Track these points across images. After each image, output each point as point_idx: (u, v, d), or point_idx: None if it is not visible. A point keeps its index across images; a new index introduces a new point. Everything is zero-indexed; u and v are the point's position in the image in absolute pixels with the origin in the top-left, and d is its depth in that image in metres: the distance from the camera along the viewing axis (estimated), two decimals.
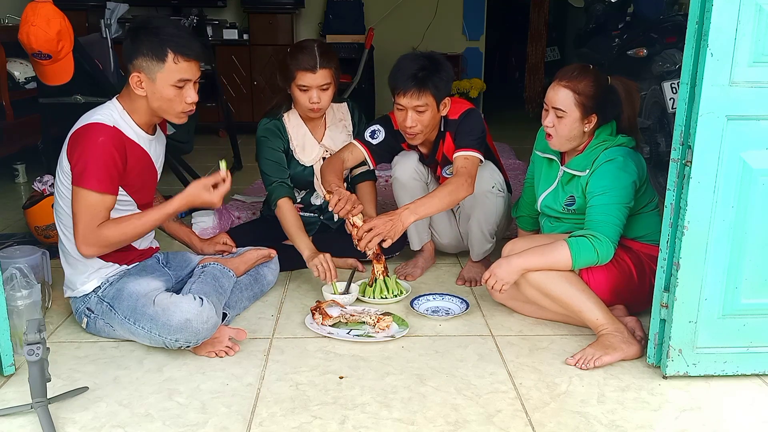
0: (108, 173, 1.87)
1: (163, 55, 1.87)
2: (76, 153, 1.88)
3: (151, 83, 1.90)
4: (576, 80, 2.04)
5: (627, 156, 2.07)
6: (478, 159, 2.36)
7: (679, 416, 1.69)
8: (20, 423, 1.63)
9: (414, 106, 2.31)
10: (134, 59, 1.89)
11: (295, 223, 2.48)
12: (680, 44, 1.83)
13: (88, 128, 1.89)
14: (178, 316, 1.85)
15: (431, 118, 2.35)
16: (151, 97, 1.92)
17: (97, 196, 1.86)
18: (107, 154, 1.86)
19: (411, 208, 2.22)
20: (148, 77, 1.89)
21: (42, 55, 2.74)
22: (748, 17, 1.58)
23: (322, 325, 2.13)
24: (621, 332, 1.95)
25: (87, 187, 1.85)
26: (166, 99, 1.92)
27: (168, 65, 1.88)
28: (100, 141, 1.85)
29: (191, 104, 1.96)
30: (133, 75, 1.90)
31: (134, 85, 1.90)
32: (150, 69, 1.89)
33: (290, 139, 2.60)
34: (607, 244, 1.98)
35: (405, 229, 2.23)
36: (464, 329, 2.16)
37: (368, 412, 1.69)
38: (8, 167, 4.08)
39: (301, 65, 2.43)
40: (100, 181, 1.85)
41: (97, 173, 1.85)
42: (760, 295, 1.78)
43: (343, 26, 5.83)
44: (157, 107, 1.94)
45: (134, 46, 1.89)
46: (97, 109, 1.96)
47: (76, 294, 2.04)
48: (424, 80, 2.28)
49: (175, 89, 1.91)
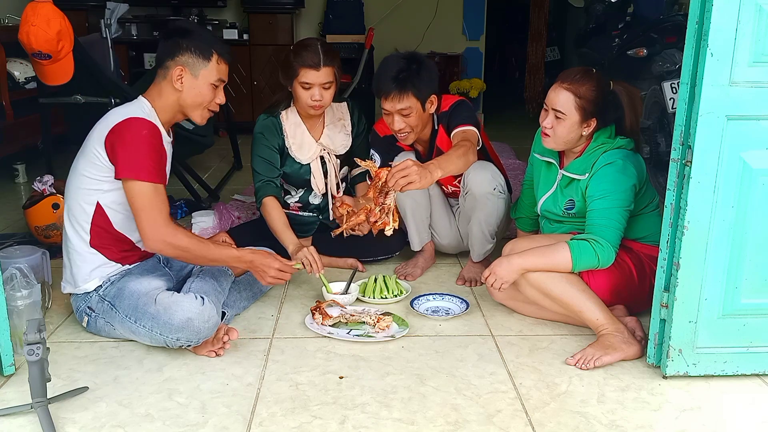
0: (157, 164, 1.93)
1: (209, 55, 2.00)
2: (120, 146, 1.90)
3: (193, 79, 2.00)
4: (578, 83, 2.03)
5: (626, 159, 2.06)
6: (476, 132, 2.37)
7: (679, 416, 1.69)
8: (20, 423, 1.63)
9: (398, 109, 2.33)
10: (178, 55, 1.98)
11: (280, 219, 2.51)
12: (680, 44, 1.83)
13: (130, 122, 1.91)
14: (179, 315, 1.85)
15: (418, 118, 2.37)
16: (188, 92, 2.01)
17: (152, 186, 1.91)
18: (153, 146, 1.93)
19: (434, 162, 2.13)
20: (191, 73, 1.99)
21: (42, 55, 2.74)
22: (748, 17, 1.58)
23: (322, 325, 2.13)
24: (621, 332, 1.95)
25: (141, 179, 1.89)
26: (202, 95, 2.02)
27: (212, 64, 2.01)
28: (144, 134, 1.91)
29: (217, 105, 2.08)
30: (176, 69, 1.98)
31: (175, 78, 1.98)
32: (194, 66, 1.99)
33: (286, 136, 2.61)
34: (608, 248, 1.98)
35: (432, 182, 2.14)
36: (464, 329, 2.16)
37: (368, 412, 1.69)
38: (8, 167, 4.08)
39: (304, 62, 2.44)
40: (151, 172, 1.90)
41: (148, 164, 1.90)
42: (760, 295, 1.78)
43: (343, 26, 5.82)
44: (189, 103, 2.02)
45: (180, 43, 1.99)
46: (127, 105, 2.01)
47: (76, 291, 2.04)
48: (403, 82, 2.29)
49: (212, 88, 2.03)
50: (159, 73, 2.02)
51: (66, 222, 2.03)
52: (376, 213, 2.15)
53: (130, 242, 2.05)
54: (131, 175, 1.89)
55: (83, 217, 1.98)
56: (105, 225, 1.99)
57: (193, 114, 2.06)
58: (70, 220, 2.02)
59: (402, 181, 2.02)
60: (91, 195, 1.97)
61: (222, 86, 2.07)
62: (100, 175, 1.95)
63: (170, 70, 1.99)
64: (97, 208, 1.97)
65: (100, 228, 1.99)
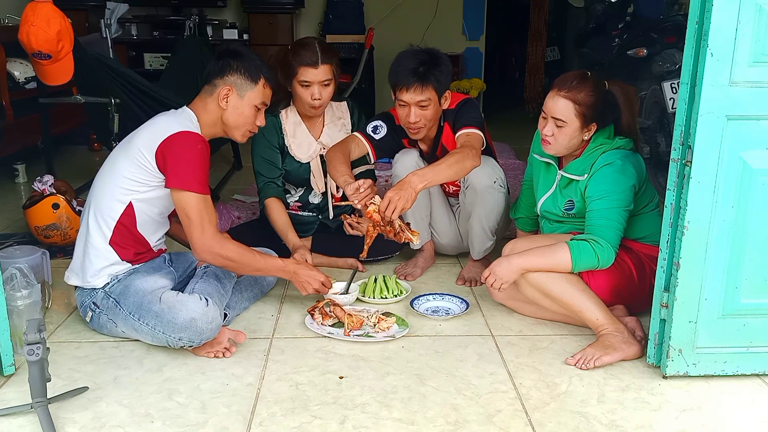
0: (206, 177, 2.00)
1: (257, 78, 2.09)
2: (174, 158, 1.95)
3: (239, 99, 2.08)
4: (576, 90, 2.03)
5: (625, 159, 2.06)
6: (480, 135, 2.36)
7: (679, 416, 1.69)
8: (20, 423, 1.63)
9: (417, 101, 2.31)
10: (227, 75, 2.07)
11: (284, 220, 2.56)
12: (680, 44, 1.83)
13: (186, 135, 1.97)
14: (183, 315, 1.86)
15: (434, 112, 2.37)
16: (232, 112, 2.08)
17: (203, 198, 1.97)
18: (205, 160, 2.00)
19: (418, 173, 2.16)
20: (237, 93, 2.08)
21: (42, 55, 2.74)
22: (748, 17, 1.58)
23: (322, 325, 2.13)
24: (621, 332, 1.95)
25: (195, 191, 1.95)
26: (245, 116, 2.10)
27: (258, 87, 2.10)
28: (199, 148, 1.98)
29: (257, 127, 2.17)
30: (224, 88, 2.06)
31: (221, 97, 2.06)
32: (242, 87, 2.08)
33: (286, 135, 2.62)
34: (608, 249, 1.98)
35: (417, 195, 2.15)
36: (464, 329, 2.16)
37: (368, 412, 1.69)
38: (8, 167, 4.08)
39: (303, 61, 2.45)
40: (202, 184, 1.97)
41: (200, 177, 1.97)
42: (760, 295, 1.78)
43: (343, 26, 5.82)
44: (231, 122, 2.10)
45: (231, 64, 2.07)
46: (175, 115, 2.07)
47: (83, 285, 2.05)
48: (425, 75, 2.29)
49: (254, 110, 2.12)
50: (205, 89, 2.09)
51: (90, 216, 2.05)
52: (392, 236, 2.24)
53: (147, 244, 2.09)
54: (185, 186, 1.94)
55: (110, 214, 2.01)
56: (129, 225, 2.03)
57: (234, 133, 2.13)
58: (95, 215, 2.04)
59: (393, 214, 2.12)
60: (126, 195, 2.01)
61: (264, 109, 2.15)
62: (142, 179, 1.99)
63: (218, 88, 2.06)
64: (127, 208, 2.01)
65: (124, 227, 2.03)
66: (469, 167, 2.25)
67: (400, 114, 2.39)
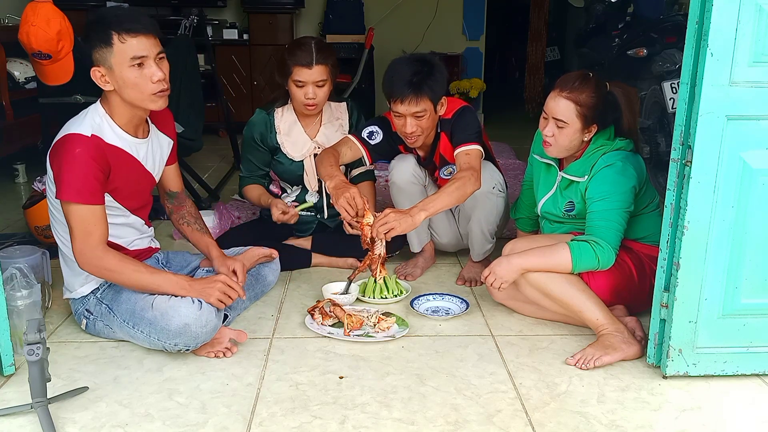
0: (87, 184, 1.82)
1: (109, 39, 1.81)
2: (55, 166, 1.85)
3: (111, 73, 1.83)
4: (577, 91, 2.03)
5: (626, 160, 2.06)
6: (480, 151, 2.36)
7: (679, 416, 1.69)
8: (20, 423, 1.63)
9: (413, 112, 2.30)
10: (91, 55, 1.84)
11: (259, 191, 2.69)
12: (680, 44, 1.83)
13: (65, 140, 1.85)
14: (176, 321, 1.83)
15: (430, 120, 2.35)
16: (119, 88, 1.85)
17: (83, 208, 1.83)
18: (85, 166, 1.82)
19: (420, 206, 2.18)
20: (106, 68, 1.84)
21: (42, 55, 2.74)
22: (748, 17, 1.58)
23: (322, 325, 2.13)
24: (621, 332, 1.95)
25: (69, 200, 1.82)
26: (131, 84, 1.84)
27: (116, 47, 1.81)
28: (76, 152, 1.82)
29: (159, 82, 1.86)
30: (94, 71, 1.85)
31: (99, 82, 1.85)
32: (104, 58, 1.83)
33: (278, 133, 2.64)
34: (608, 250, 1.98)
35: (416, 227, 2.19)
36: (464, 329, 2.16)
37: (368, 412, 1.69)
38: (8, 167, 4.08)
39: (297, 61, 2.47)
40: (80, 193, 1.81)
41: (76, 185, 1.81)
42: (760, 295, 1.78)
43: (343, 26, 5.82)
44: (128, 97, 1.87)
45: (87, 42, 1.84)
46: (79, 116, 1.92)
47: (74, 296, 2.04)
48: (419, 85, 2.26)
49: (134, 70, 1.83)
50: None
51: (53, 232, 2.02)
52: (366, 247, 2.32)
53: (119, 246, 2.01)
54: (64, 197, 1.82)
55: (63, 228, 1.94)
56: None
57: (144, 105, 1.89)
58: (55, 231, 2.01)
59: (382, 229, 2.14)
60: (60, 213, 1.90)
61: (149, 61, 1.83)
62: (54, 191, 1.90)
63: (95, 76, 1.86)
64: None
65: None
66: (469, 192, 2.25)
67: (397, 124, 2.38)
